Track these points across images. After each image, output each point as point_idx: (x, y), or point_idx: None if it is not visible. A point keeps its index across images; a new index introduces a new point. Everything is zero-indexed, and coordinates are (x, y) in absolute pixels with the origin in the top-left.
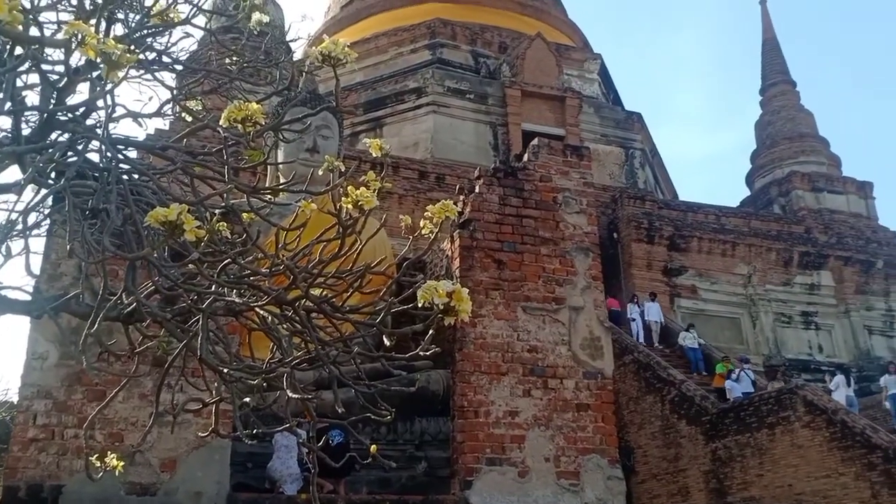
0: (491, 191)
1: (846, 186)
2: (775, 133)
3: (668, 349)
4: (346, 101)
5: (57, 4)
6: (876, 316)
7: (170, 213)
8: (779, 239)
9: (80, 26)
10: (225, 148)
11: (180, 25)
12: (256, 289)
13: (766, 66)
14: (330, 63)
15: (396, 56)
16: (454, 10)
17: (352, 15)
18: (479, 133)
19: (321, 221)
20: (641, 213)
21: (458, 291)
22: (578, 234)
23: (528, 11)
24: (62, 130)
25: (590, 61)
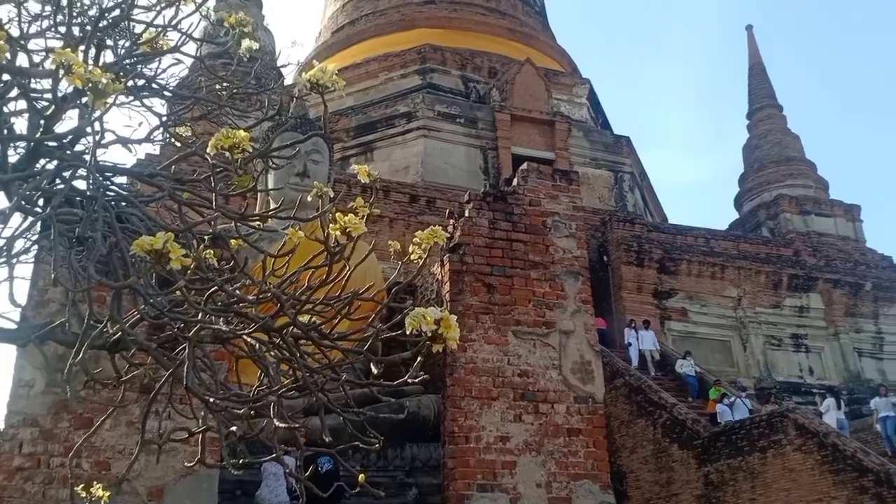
0: (481, 215)
1: (834, 209)
2: (762, 157)
3: (666, 376)
4: (337, 125)
5: (46, 32)
6: (865, 338)
7: (156, 241)
8: (768, 262)
9: (67, 55)
10: (213, 175)
11: (170, 53)
12: (244, 316)
13: (752, 90)
14: (318, 91)
15: (387, 81)
16: (444, 35)
17: (343, 41)
18: (470, 157)
19: (310, 248)
20: (631, 237)
21: (447, 318)
22: (568, 257)
23: (518, 37)
24: (49, 158)
25: (578, 86)
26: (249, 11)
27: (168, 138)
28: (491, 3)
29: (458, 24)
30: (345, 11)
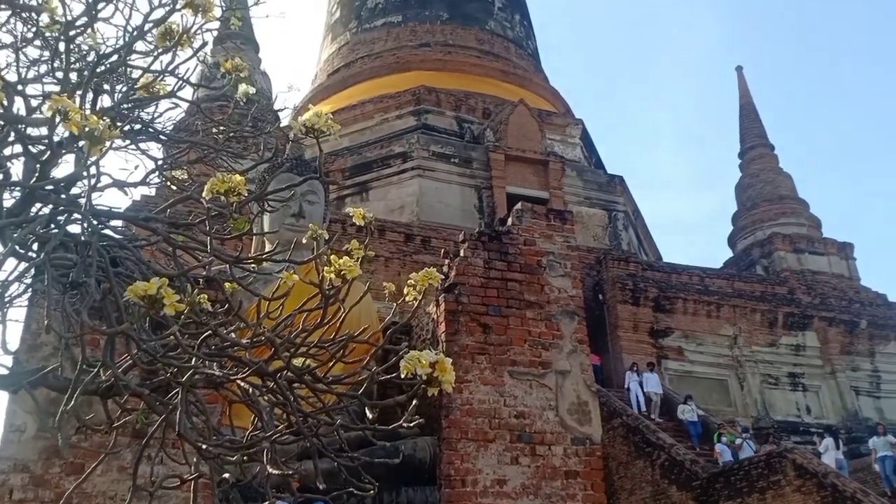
0: (476, 255)
1: (827, 247)
2: (755, 195)
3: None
4: (333, 165)
5: (43, 77)
6: (862, 376)
7: (150, 287)
8: (763, 300)
9: (63, 101)
10: (208, 219)
11: (167, 98)
12: (237, 360)
13: (744, 130)
14: (313, 134)
15: (382, 122)
16: (439, 77)
17: (338, 83)
18: (465, 196)
19: (305, 290)
20: (626, 275)
21: (442, 361)
22: (563, 297)
23: (511, 79)
24: (44, 202)
25: (571, 126)
26: (247, 55)
27: (164, 181)
28: (484, 46)
29: (453, 67)
30: (340, 54)
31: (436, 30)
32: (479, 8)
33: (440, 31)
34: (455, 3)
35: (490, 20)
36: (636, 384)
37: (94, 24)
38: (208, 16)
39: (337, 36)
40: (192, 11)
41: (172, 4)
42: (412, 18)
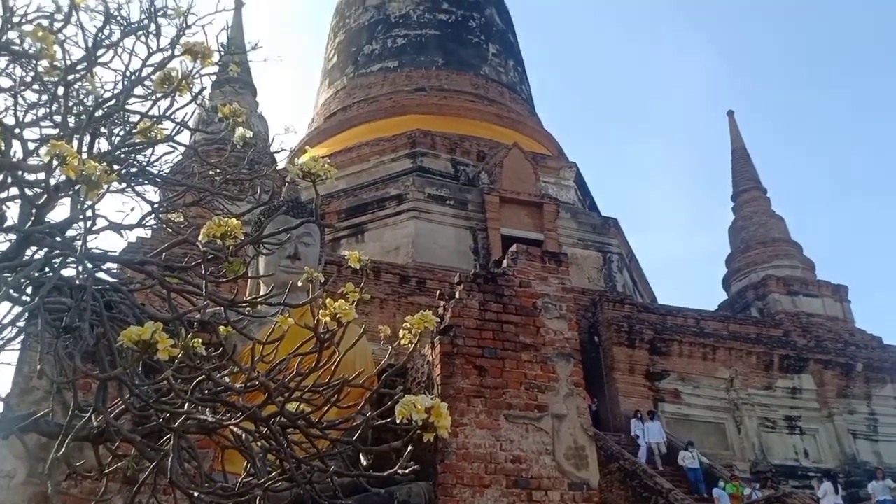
0: (471, 296)
1: (821, 290)
2: (749, 238)
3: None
4: (329, 207)
5: (41, 121)
6: (859, 420)
7: (144, 332)
8: (758, 342)
9: (61, 146)
10: (203, 263)
11: (164, 142)
12: (230, 406)
13: (736, 173)
14: (310, 179)
15: (378, 164)
16: (434, 121)
17: (335, 126)
18: (460, 238)
19: (300, 333)
20: (622, 317)
21: (437, 407)
22: (559, 339)
23: (505, 122)
24: (39, 246)
25: (565, 169)
26: (244, 99)
27: (160, 223)
28: (479, 91)
29: (448, 111)
30: (337, 98)
31: (431, 75)
32: (474, 54)
33: (436, 76)
34: (450, 49)
35: (485, 65)
36: (641, 432)
37: (93, 69)
38: (207, 62)
39: (334, 80)
40: (191, 58)
41: (171, 51)
42: (408, 64)
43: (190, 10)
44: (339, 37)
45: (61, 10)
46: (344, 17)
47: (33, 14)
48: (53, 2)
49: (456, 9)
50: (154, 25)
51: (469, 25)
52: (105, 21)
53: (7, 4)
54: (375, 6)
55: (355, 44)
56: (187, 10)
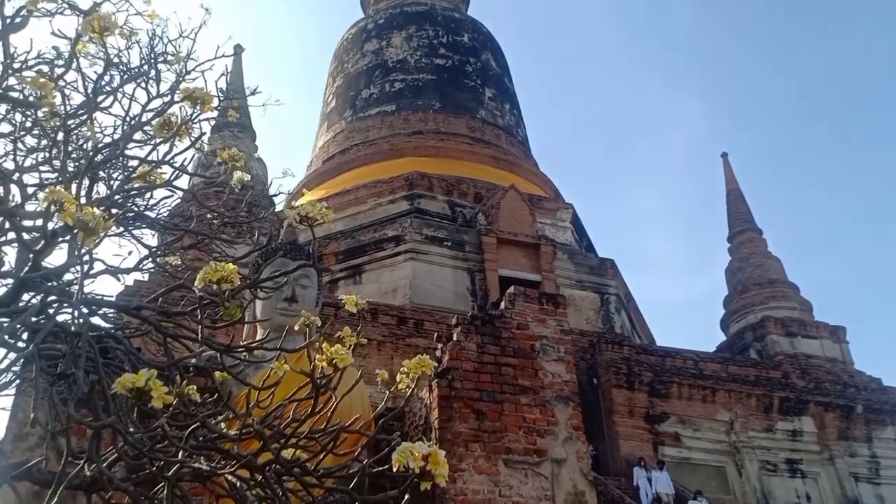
0: (469, 339)
1: (819, 331)
2: (746, 279)
3: None
4: (327, 249)
5: (40, 166)
6: (861, 462)
7: (138, 379)
8: (758, 384)
9: (59, 193)
10: (200, 308)
11: (163, 187)
12: (225, 453)
13: (731, 215)
14: (307, 223)
15: (376, 206)
16: (431, 163)
17: (333, 169)
18: (457, 279)
19: (296, 378)
20: (620, 359)
21: (435, 454)
22: (558, 382)
23: (502, 165)
24: (35, 291)
25: (562, 210)
26: (243, 143)
27: (157, 267)
28: (476, 134)
29: (445, 153)
30: (336, 141)
31: (428, 118)
32: (471, 98)
33: (433, 119)
34: (447, 93)
35: (481, 109)
36: (645, 481)
37: (92, 116)
38: (206, 107)
39: (333, 124)
40: (191, 104)
41: (171, 96)
42: (405, 107)
43: (190, 56)
44: (338, 81)
45: (62, 56)
46: (342, 62)
47: (34, 60)
48: (54, 48)
49: (452, 54)
50: (154, 71)
51: (465, 70)
52: (105, 68)
53: (8, 51)
54: (373, 52)
55: (353, 88)
56: (187, 56)
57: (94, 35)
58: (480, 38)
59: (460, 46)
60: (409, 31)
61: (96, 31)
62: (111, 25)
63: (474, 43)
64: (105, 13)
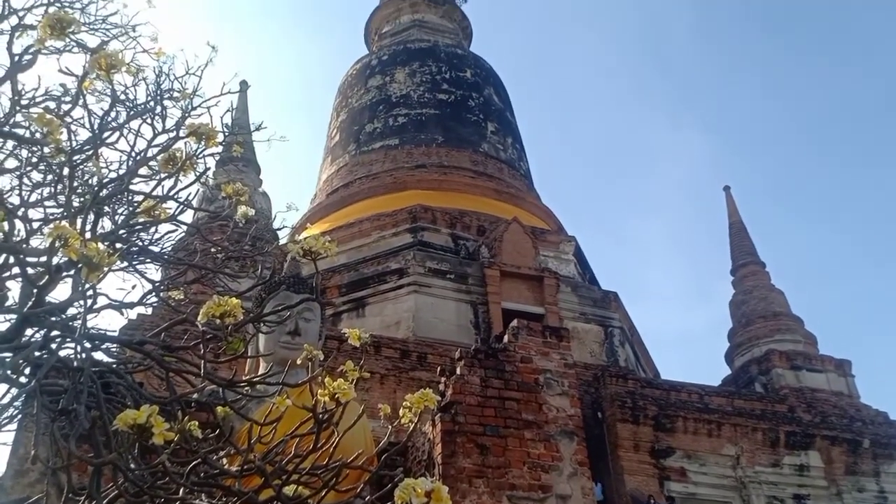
0: (472, 372)
1: (825, 364)
2: (750, 312)
3: None
4: (330, 282)
5: (45, 201)
6: (869, 498)
7: (139, 415)
8: (763, 418)
9: (64, 229)
10: (203, 343)
11: (167, 222)
12: (226, 490)
13: (734, 247)
14: (311, 257)
15: (379, 239)
16: (434, 196)
17: (337, 202)
18: (461, 312)
19: (298, 414)
20: (625, 392)
21: (438, 490)
22: (562, 416)
23: (504, 198)
24: (38, 327)
25: (565, 243)
26: (248, 177)
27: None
28: (478, 167)
29: (448, 186)
30: (339, 175)
31: (431, 152)
32: (473, 132)
33: (436, 153)
34: (450, 127)
35: (483, 143)
36: None
37: (98, 151)
38: (211, 143)
39: (336, 158)
40: (196, 139)
41: (176, 132)
42: (409, 141)
43: (195, 93)
44: (342, 116)
45: (69, 92)
46: (346, 97)
47: (41, 97)
48: (61, 85)
49: (455, 89)
50: (160, 107)
51: (468, 105)
52: (112, 105)
53: (16, 88)
54: (377, 87)
55: (357, 122)
56: (193, 93)
57: (101, 73)
58: (482, 73)
59: (463, 82)
60: (413, 66)
61: (103, 69)
62: (118, 63)
63: (476, 78)
64: (112, 51)
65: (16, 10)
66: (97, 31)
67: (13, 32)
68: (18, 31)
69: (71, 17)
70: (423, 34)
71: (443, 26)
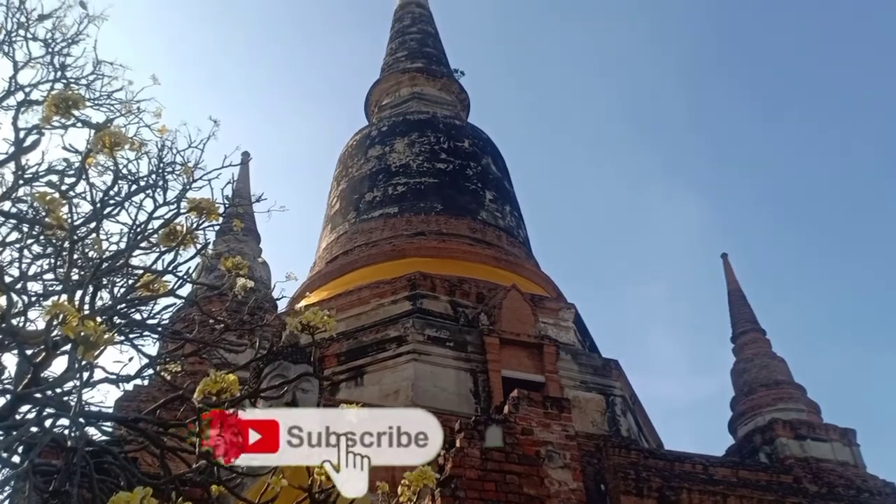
0: (472, 445)
1: (829, 433)
2: (751, 380)
3: None
4: (329, 350)
5: (44, 274)
6: None
7: (133, 498)
8: (769, 490)
9: (62, 306)
10: (198, 420)
11: (166, 296)
12: None
13: (734, 315)
14: (309, 332)
15: (378, 307)
16: (433, 264)
17: (336, 270)
18: (460, 380)
19: (294, 491)
20: (628, 464)
21: None
22: (564, 490)
23: (503, 265)
24: (33, 404)
25: (564, 310)
26: (248, 246)
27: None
28: (477, 235)
29: (447, 254)
30: (339, 243)
31: (430, 220)
32: (472, 200)
33: (434, 220)
34: (448, 196)
35: (482, 211)
36: None
37: (99, 227)
38: (212, 217)
39: (336, 226)
40: (197, 214)
41: (178, 206)
42: (408, 210)
43: (197, 166)
44: (342, 185)
45: (72, 167)
46: (347, 166)
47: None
48: (64, 160)
49: (454, 158)
50: (162, 181)
51: (466, 173)
52: (114, 181)
53: (20, 164)
54: (377, 157)
55: (357, 191)
56: (194, 166)
57: (104, 150)
58: (480, 143)
59: (461, 151)
60: (412, 137)
61: (107, 146)
62: (122, 141)
63: (475, 148)
64: (115, 129)
65: (22, 87)
66: (102, 106)
67: (19, 108)
68: (24, 107)
69: (76, 96)
70: (422, 106)
71: (441, 98)
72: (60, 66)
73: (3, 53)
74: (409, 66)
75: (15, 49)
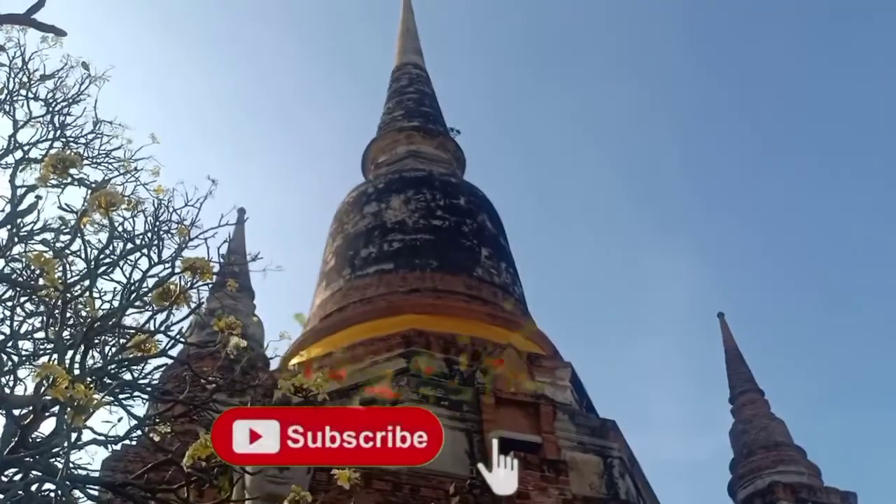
0: None
1: (830, 497)
2: (751, 442)
3: None
4: None
5: (35, 332)
6: None
7: None
8: None
9: (52, 369)
10: (187, 486)
11: (158, 357)
12: None
13: (731, 375)
14: (302, 395)
15: (372, 364)
16: (428, 320)
17: (330, 326)
18: (455, 440)
19: None
20: None
21: None
22: None
23: (499, 322)
24: (20, 468)
25: (561, 369)
26: (242, 303)
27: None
28: (472, 292)
29: (442, 311)
30: (334, 299)
31: (426, 277)
32: (467, 257)
33: (430, 277)
34: (444, 253)
35: (477, 267)
36: None
37: (93, 288)
38: (206, 277)
39: (331, 282)
40: (191, 273)
41: (172, 266)
42: (403, 266)
43: (194, 224)
44: (338, 241)
45: (67, 224)
46: (342, 223)
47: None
48: (60, 218)
49: (450, 215)
50: (157, 240)
51: (462, 230)
52: (109, 240)
53: (14, 221)
54: (373, 213)
55: (353, 248)
56: (190, 226)
57: (100, 209)
58: (476, 200)
59: (457, 208)
60: (408, 194)
61: (102, 207)
62: (117, 200)
63: (470, 205)
64: (111, 190)
65: (21, 145)
66: (100, 165)
67: (17, 166)
68: (22, 165)
69: (73, 157)
70: (419, 164)
71: (437, 156)
72: (60, 126)
73: (4, 112)
74: (406, 124)
75: (16, 108)
